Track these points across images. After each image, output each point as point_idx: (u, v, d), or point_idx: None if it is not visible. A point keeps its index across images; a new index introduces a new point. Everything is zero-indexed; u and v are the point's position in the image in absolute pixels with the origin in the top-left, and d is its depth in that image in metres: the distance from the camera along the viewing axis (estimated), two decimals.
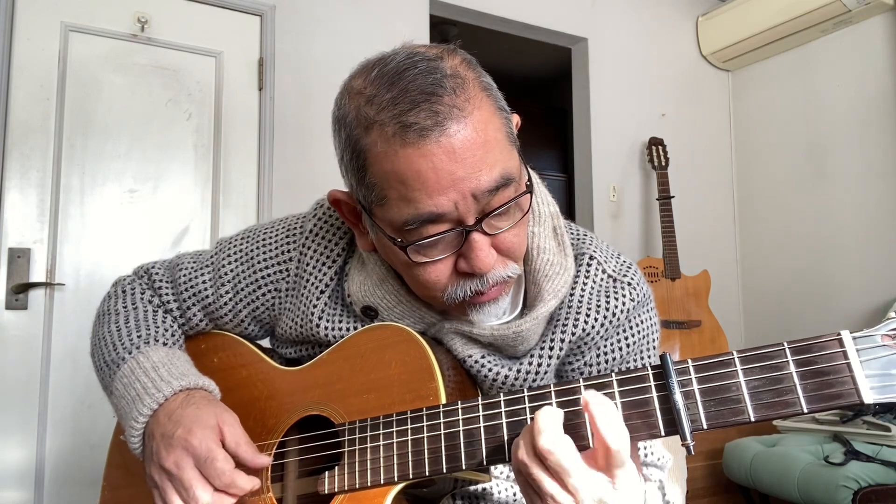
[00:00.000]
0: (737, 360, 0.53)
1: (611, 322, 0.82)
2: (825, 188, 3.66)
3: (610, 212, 3.71)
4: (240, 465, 0.76)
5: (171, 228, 2.65)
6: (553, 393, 0.62)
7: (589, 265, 0.84)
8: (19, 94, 2.42)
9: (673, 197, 3.56)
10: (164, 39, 2.68)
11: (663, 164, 3.62)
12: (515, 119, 0.75)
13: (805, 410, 0.49)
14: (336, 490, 0.75)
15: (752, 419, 0.51)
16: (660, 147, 3.66)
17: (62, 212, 2.45)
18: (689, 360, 0.55)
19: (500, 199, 0.69)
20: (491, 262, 0.71)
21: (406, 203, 0.67)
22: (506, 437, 0.64)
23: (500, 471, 0.87)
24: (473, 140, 0.66)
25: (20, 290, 2.35)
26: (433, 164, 0.65)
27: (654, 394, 0.57)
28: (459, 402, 0.68)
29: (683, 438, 0.53)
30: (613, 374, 0.58)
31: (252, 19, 2.87)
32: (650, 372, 0.57)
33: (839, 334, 0.50)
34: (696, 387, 0.55)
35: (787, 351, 0.51)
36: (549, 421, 0.57)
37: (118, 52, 2.59)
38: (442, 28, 4.05)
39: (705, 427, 0.53)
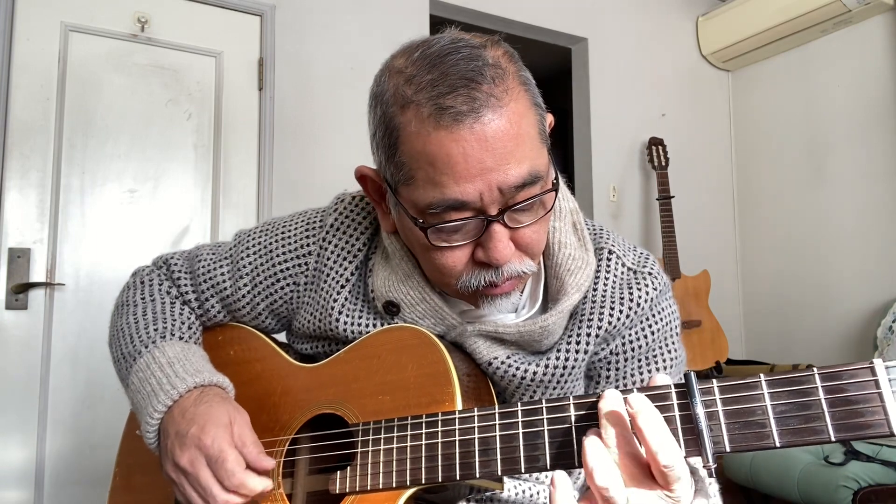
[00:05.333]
0: (764, 384, 0.52)
1: (636, 313, 0.82)
2: (825, 188, 3.67)
3: (610, 212, 3.71)
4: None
5: (171, 228, 2.64)
6: (572, 406, 0.61)
7: (608, 259, 0.84)
8: (19, 94, 2.40)
9: (673, 197, 3.56)
10: (164, 39, 2.67)
11: (663, 164, 3.62)
12: (549, 118, 0.75)
13: (833, 438, 0.48)
14: (347, 490, 0.75)
15: (778, 445, 0.50)
16: (660, 147, 3.65)
17: (62, 212, 2.44)
18: (714, 381, 0.54)
19: (526, 194, 0.69)
20: (508, 254, 0.71)
21: (433, 186, 0.67)
22: (522, 449, 0.63)
23: None
24: (506, 131, 0.66)
25: (20, 290, 2.34)
26: (464, 149, 0.65)
27: (677, 412, 0.56)
28: (476, 409, 0.67)
29: (706, 460, 0.52)
30: (636, 389, 0.57)
31: (252, 19, 2.85)
32: (673, 390, 0.56)
33: (872, 363, 0.49)
34: (720, 408, 0.54)
35: (817, 377, 0.51)
36: (598, 459, 0.54)
37: (118, 52, 2.58)
38: (442, 28, 4.04)
39: (728, 450, 0.52)
